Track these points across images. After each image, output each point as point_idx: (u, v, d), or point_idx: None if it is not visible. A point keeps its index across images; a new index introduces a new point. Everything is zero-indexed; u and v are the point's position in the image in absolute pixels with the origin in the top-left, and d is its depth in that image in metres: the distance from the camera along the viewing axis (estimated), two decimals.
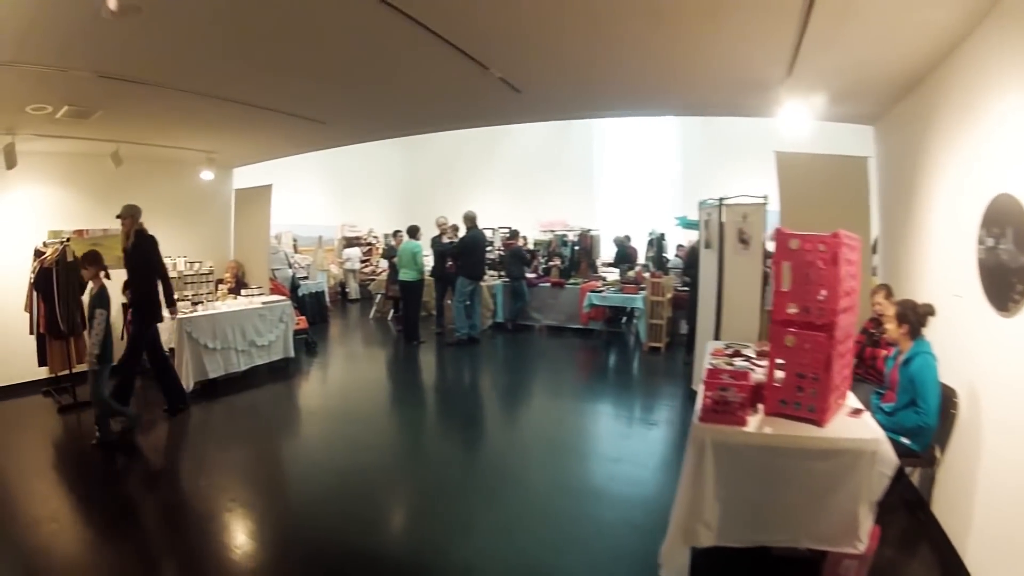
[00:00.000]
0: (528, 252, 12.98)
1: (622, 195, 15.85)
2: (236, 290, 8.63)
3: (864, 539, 3.01)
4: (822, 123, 5.76)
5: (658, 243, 13.34)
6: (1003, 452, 3.07)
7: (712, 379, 3.49)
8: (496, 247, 13.50)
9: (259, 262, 9.42)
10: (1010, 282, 3.00)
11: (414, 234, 10.54)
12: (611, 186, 16.07)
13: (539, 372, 9.20)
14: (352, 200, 16.47)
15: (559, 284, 11.72)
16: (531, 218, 14.88)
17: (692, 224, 10.38)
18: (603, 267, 13.48)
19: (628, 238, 13.38)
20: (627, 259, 12.79)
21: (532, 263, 12.78)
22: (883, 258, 5.88)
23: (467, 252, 10.28)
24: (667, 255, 13.33)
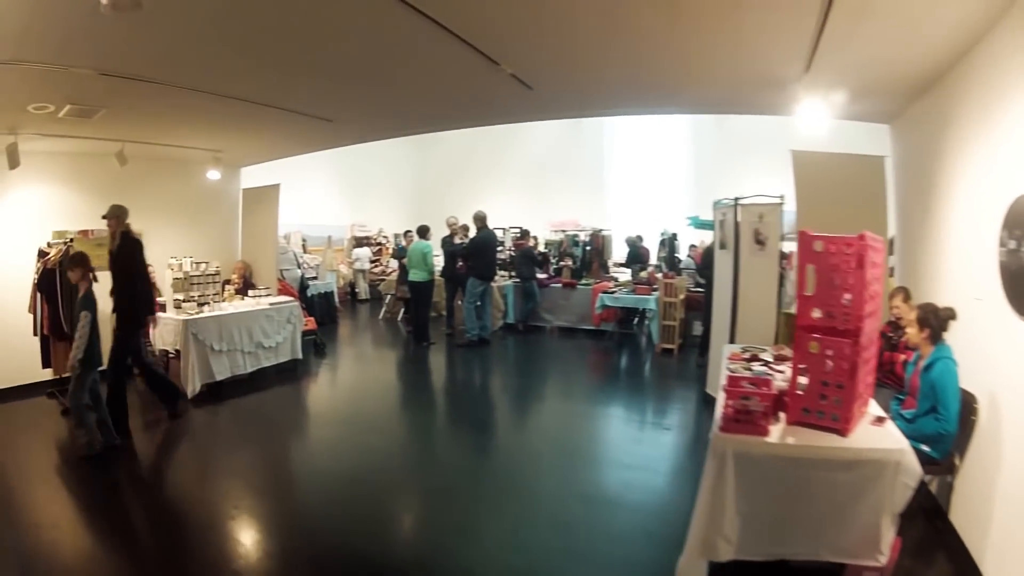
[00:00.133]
0: (540, 254, 12.94)
1: (634, 195, 15.81)
2: (243, 291, 8.56)
3: (885, 551, 2.95)
4: (836, 122, 5.70)
5: (670, 243, 13.28)
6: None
7: (733, 387, 3.35)
8: (507, 247, 13.39)
9: (267, 262, 9.37)
10: None
11: (424, 234, 10.48)
12: (623, 186, 16.04)
13: (550, 374, 9.12)
14: (362, 200, 16.45)
15: (571, 285, 11.60)
16: (542, 218, 14.80)
17: (704, 224, 10.33)
18: (615, 267, 13.41)
19: (640, 238, 13.31)
20: (639, 259, 12.72)
21: (545, 265, 12.69)
22: (900, 260, 5.79)
23: (478, 252, 10.22)
24: (679, 255, 13.24)
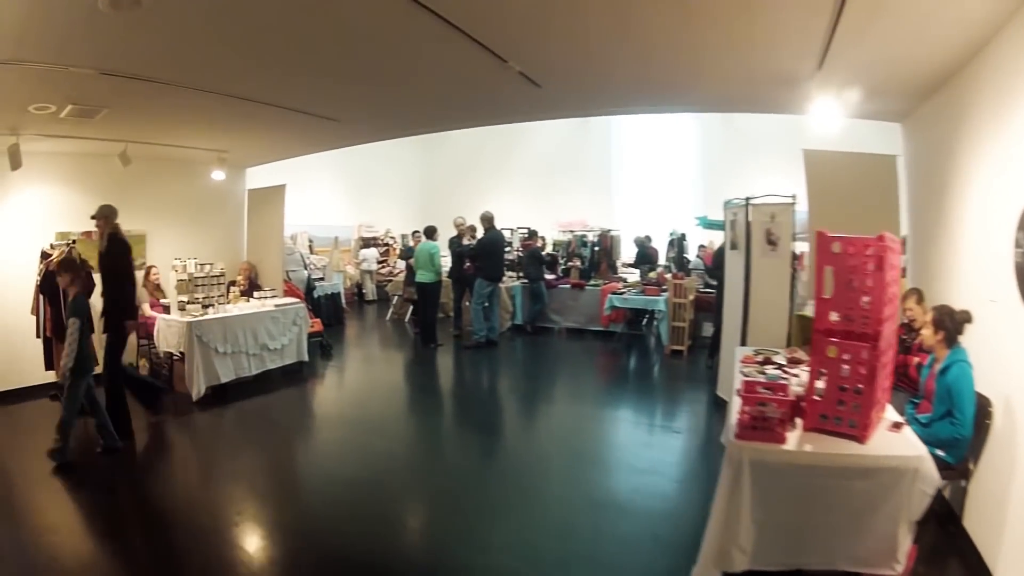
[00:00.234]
0: (550, 255, 12.86)
1: (641, 194, 15.70)
2: (249, 292, 8.49)
3: (902, 560, 2.89)
4: (845, 121, 5.67)
5: (679, 244, 13.16)
6: None
7: (749, 393, 3.24)
8: (515, 248, 13.30)
9: (272, 263, 9.30)
10: None
11: (431, 235, 10.40)
12: (630, 185, 15.93)
13: (559, 376, 9.03)
14: (369, 200, 16.37)
15: (579, 285, 11.50)
16: (550, 218, 14.72)
17: (713, 224, 10.22)
18: (623, 268, 13.30)
19: (649, 238, 13.19)
20: (648, 260, 12.60)
21: (553, 266, 12.61)
22: (912, 260, 5.71)
23: (485, 253, 10.15)
24: (688, 256, 13.12)
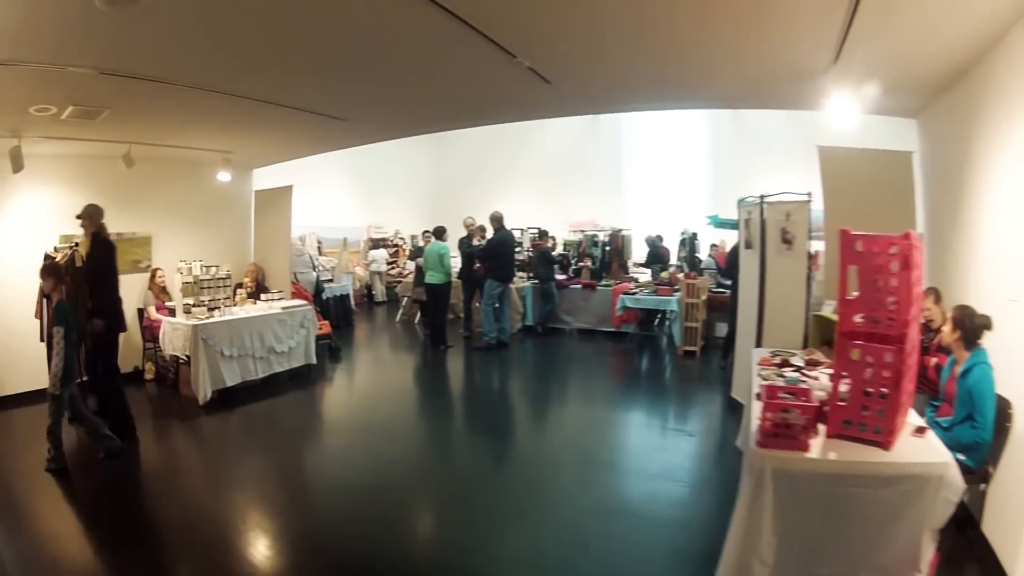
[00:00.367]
0: (561, 255, 12.76)
1: (652, 193, 15.53)
2: (256, 294, 8.41)
3: (924, 569, 2.73)
4: (858, 118, 5.61)
5: (690, 243, 12.99)
6: None
7: (771, 398, 3.09)
8: (525, 248, 13.18)
9: (280, 265, 9.23)
10: None
11: (440, 235, 10.31)
12: (641, 184, 15.76)
13: (571, 378, 8.90)
14: (378, 201, 16.29)
15: (590, 286, 11.35)
16: (560, 218, 14.59)
17: (725, 223, 10.10)
18: (634, 268, 13.15)
19: (660, 238, 13.04)
20: (659, 259, 12.47)
21: (565, 267, 12.49)
22: (929, 259, 5.58)
23: (496, 254, 10.05)
24: (699, 255, 12.96)
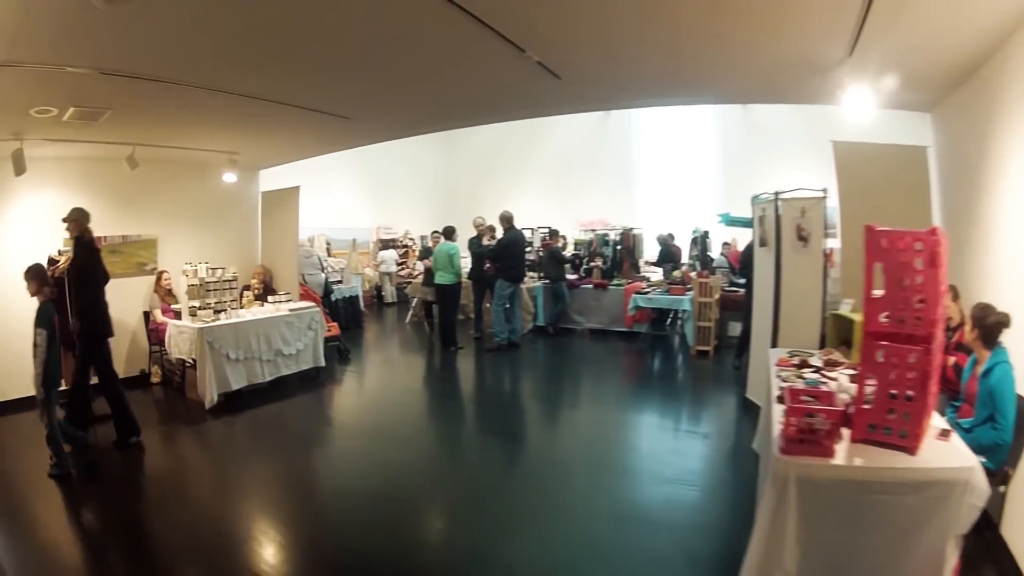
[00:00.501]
0: (574, 255, 12.65)
1: (662, 192, 15.36)
2: (263, 296, 8.33)
3: None
4: (871, 112, 5.49)
5: (702, 241, 12.81)
6: None
7: (795, 402, 2.95)
8: (536, 248, 13.06)
9: (288, 267, 9.15)
10: None
11: (450, 235, 10.18)
12: (651, 182, 15.59)
13: (583, 379, 8.77)
14: (387, 201, 16.22)
15: (602, 285, 11.20)
16: (571, 217, 14.44)
17: (736, 221, 9.96)
18: (646, 267, 13.00)
19: (671, 236, 12.87)
20: (671, 258, 12.30)
21: (576, 267, 12.38)
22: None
23: (506, 254, 9.92)
24: (711, 254, 12.78)
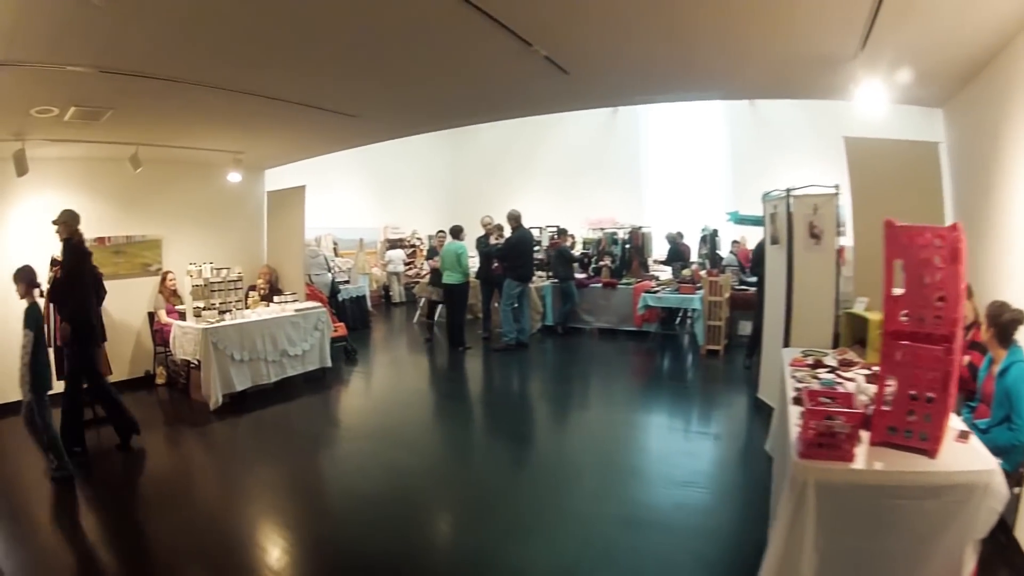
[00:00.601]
0: (583, 254, 12.57)
1: (671, 189, 15.27)
2: (269, 296, 8.27)
3: None
4: (881, 108, 5.47)
5: (711, 240, 12.69)
6: None
7: (814, 404, 2.85)
8: (544, 247, 12.97)
9: (294, 267, 9.10)
10: None
11: (457, 234, 10.07)
12: (659, 180, 15.50)
13: (593, 379, 8.67)
14: (394, 201, 16.15)
15: (611, 284, 11.10)
16: (579, 216, 14.36)
17: (745, 219, 9.85)
18: (654, 265, 12.89)
19: (680, 235, 12.75)
20: (680, 257, 12.19)
21: (587, 266, 12.31)
22: None
23: (514, 253, 9.82)
24: (720, 252, 12.66)
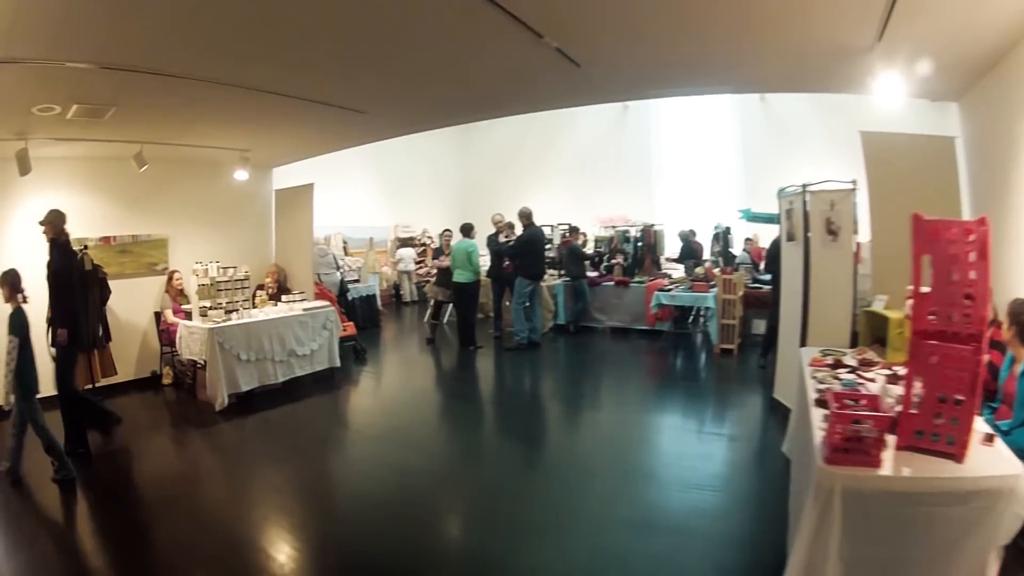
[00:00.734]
0: (596, 252, 12.49)
1: (683, 187, 15.15)
2: (277, 296, 8.20)
3: None
4: (895, 103, 5.47)
5: (724, 237, 12.55)
6: None
7: (840, 407, 2.73)
8: (556, 245, 12.87)
9: (302, 266, 9.04)
10: None
11: (468, 232, 9.98)
12: (671, 178, 15.39)
13: (605, 379, 8.55)
14: (405, 199, 16.10)
15: (623, 283, 10.96)
16: (590, 214, 14.26)
17: (757, 217, 9.77)
18: (667, 263, 12.76)
19: (693, 232, 12.61)
20: (692, 255, 12.04)
21: (599, 264, 12.23)
22: None
23: (525, 251, 9.73)
24: (733, 250, 12.52)
